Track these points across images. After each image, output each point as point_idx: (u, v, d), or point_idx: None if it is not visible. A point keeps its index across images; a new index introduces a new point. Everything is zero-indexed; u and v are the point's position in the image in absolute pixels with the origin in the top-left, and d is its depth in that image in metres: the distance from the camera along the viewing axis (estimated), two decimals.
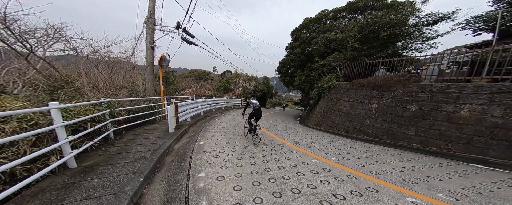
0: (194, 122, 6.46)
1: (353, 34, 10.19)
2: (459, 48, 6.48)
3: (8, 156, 1.78)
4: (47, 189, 1.76)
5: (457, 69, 4.87)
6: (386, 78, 6.02)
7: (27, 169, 1.86)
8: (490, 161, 3.58)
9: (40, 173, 1.73)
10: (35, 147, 2.03)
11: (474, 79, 4.40)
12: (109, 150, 2.97)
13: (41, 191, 1.72)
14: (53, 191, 1.72)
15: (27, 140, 1.97)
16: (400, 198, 1.97)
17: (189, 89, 17.53)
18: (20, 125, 2.02)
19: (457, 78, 4.63)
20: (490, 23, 7.34)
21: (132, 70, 8.49)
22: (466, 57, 4.95)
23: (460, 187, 2.37)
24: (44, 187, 1.78)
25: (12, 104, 2.30)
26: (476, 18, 7.88)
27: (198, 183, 2.13)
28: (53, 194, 1.67)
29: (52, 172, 2.05)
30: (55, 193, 1.70)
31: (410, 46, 11.58)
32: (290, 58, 18.04)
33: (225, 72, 41.47)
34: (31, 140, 2.01)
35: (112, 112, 3.53)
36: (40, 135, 2.13)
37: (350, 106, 7.25)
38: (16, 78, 3.92)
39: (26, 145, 1.95)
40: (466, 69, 4.63)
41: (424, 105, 4.83)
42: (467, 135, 4.08)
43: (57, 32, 4.52)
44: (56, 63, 5.45)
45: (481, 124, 3.90)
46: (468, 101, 4.13)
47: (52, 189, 1.75)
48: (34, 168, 1.91)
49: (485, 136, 3.84)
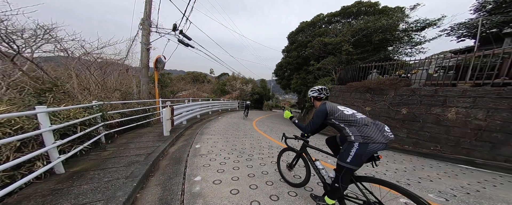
0: (190, 125, 6.36)
1: (347, 38, 10.49)
2: (445, 53, 6.79)
3: None
4: (32, 196, 1.67)
5: (443, 73, 5.09)
6: (378, 82, 6.20)
7: (9, 176, 1.76)
8: (476, 162, 3.74)
9: (24, 179, 1.64)
10: (20, 153, 1.93)
11: (459, 83, 4.60)
12: (100, 154, 2.87)
13: (25, 198, 1.63)
14: (38, 198, 1.64)
15: (10, 145, 1.87)
16: (394, 199, 2.01)
17: (185, 92, 17.30)
18: (3, 130, 1.91)
19: (444, 82, 4.81)
20: (472, 30, 7.75)
21: (126, 72, 8.30)
22: (451, 62, 5.19)
23: (449, 187, 2.45)
24: (29, 194, 1.69)
25: None
26: (459, 25, 8.30)
27: (194, 187, 2.09)
28: (38, 202, 1.59)
29: (38, 179, 1.95)
30: (41, 200, 1.62)
31: (400, 51, 12.04)
32: (286, 61, 18.27)
33: (222, 74, 41.35)
34: (15, 145, 1.91)
35: (104, 116, 3.43)
36: (25, 140, 2.03)
37: None
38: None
39: (9, 151, 1.85)
40: (451, 73, 4.85)
41: (414, 108, 5.00)
42: (455, 137, 4.24)
43: (47, 33, 4.36)
44: (45, 64, 5.24)
45: (466, 127, 4.07)
46: (454, 104, 4.31)
47: (37, 196, 1.67)
48: (17, 174, 1.81)
49: (470, 138, 4.01)
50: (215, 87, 24.19)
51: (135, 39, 6.70)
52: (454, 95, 4.34)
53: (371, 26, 10.05)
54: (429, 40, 10.96)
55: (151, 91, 7.08)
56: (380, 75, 6.99)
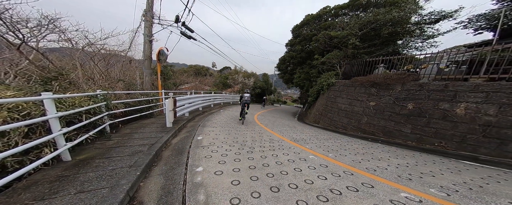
0: (193, 117, 6.42)
1: (354, 31, 10.10)
2: (458, 47, 6.48)
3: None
4: (40, 181, 1.73)
5: (455, 68, 4.91)
6: (385, 76, 6.04)
7: (18, 161, 1.82)
8: (480, 158, 3.68)
9: (32, 165, 1.70)
10: (28, 139, 1.98)
11: (471, 78, 4.45)
12: (105, 143, 2.93)
13: (33, 183, 1.69)
14: (46, 184, 1.70)
15: (18, 131, 1.92)
16: (395, 193, 2.01)
17: (188, 84, 17.34)
18: (11, 115, 1.96)
19: (455, 76, 4.66)
20: (492, 22, 7.32)
21: (129, 64, 8.32)
22: (465, 57, 4.98)
23: (452, 183, 2.43)
24: (37, 180, 1.75)
25: (3, 93, 2.23)
26: (478, 16, 7.84)
27: (196, 177, 2.13)
28: (46, 187, 1.65)
29: (45, 165, 2.01)
30: (48, 186, 1.67)
31: (410, 45, 11.58)
32: (290, 55, 17.91)
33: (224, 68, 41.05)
34: (23, 131, 1.96)
35: (109, 105, 3.47)
36: (32, 126, 2.08)
37: (348, 104, 7.29)
38: (7, 69, 3.80)
39: (18, 136, 1.90)
40: (464, 68, 4.67)
41: (421, 103, 4.89)
42: (461, 133, 4.16)
43: (51, 23, 4.35)
44: (50, 54, 5.30)
45: (475, 122, 3.97)
46: (464, 99, 4.18)
47: (45, 182, 1.73)
48: (26, 160, 1.87)
49: (477, 134, 3.92)
50: (217, 81, 24.15)
51: (137, 30, 6.63)
52: (465, 90, 4.20)
53: (381, 18, 9.60)
54: (442, 33, 10.45)
55: (154, 82, 7.11)
56: (387, 70, 6.79)
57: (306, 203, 1.73)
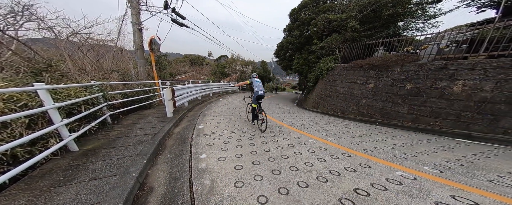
0: (192, 107, 6.43)
1: (354, 14, 9.66)
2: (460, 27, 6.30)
3: (4, 138, 1.77)
4: (53, 170, 1.80)
5: (456, 47, 4.85)
6: (384, 59, 5.96)
7: (28, 151, 1.87)
8: (473, 135, 3.85)
9: (42, 154, 1.76)
10: (31, 130, 2.01)
11: (471, 57, 4.46)
12: (108, 134, 2.97)
13: (47, 172, 1.76)
14: (60, 172, 1.77)
15: (20, 122, 1.93)
16: (390, 172, 2.13)
17: (184, 74, 16.99)
18: (8, 106, 1.95)
19: (455, 56, 4.66)
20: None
21: (120, 54, 8.01)
22: (466, 36, 4.89)
23: (445, 160, 2.56)
24: (50, 169, 1.82)
25: None
26: None
27: (200, 164, 2.21)
28: (60, 175, 1.72)
29: (55, 155, 2.08)
30: (62, 174, 1.74)
31: (411, 26, 11.20)
32: (288, 41, 17.31)
33: (221, 56, 39.86)
34: (24, 122, 1.97)
35: (105, 96, 3.45)
36: (33, 117, 2.09)
37: (347, 87, 7.31)
38: None
39: (21, 127, 1.92)
40: (464, 47, 4.62)
41: (419, 83, 4.95)
42: (456, 110, 4.29)
43: (26, 9, 4.06)
44: (33, 45, 5.04)
45: (470, 99, 4.09)
46: (462, 77, 4.26)
47: (58, 171, 1.80)
48: (35, 150, 1.92)
49: (472, 111, 4.06)
50: (215, 70, 23.65)
51: (124, 18, 6.24)
52: (464, 68, 4.26)
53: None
54: (444, 13, 10.08)
55: (149, 73, 6.95)
56: (387, 52, 6.67)
57: (306, 184, 1.83)
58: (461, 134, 4.00)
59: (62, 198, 1.41)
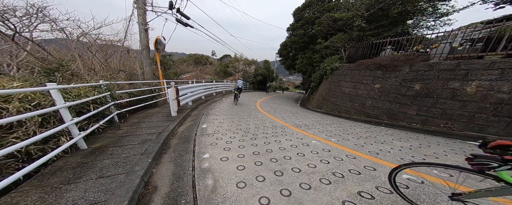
0: (196, 106, 6.51)
1: (360, 12, 9.43)
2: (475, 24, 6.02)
3: (19, 136, 1.85)
4: (64, 168, 1.87)
5: (470, 46, 4.65)
6: (392, 58, 5.80)
7: (40, 149, 1.95)
8: (488, 138, 3.68)
9: (54, 152, 1.83)
10: (43, 128, 2.10)
11: (487, 56, 4.25)
12: (115, 132, 3.06)
13: (58, 169, 1.83)
14: (69, 170, 1.83)
15: (33, 120, 2.02)
16: (397, 175, 2.06)
17: (188, 74, 17.23)
18: (23, 105, 2.04)
19: (469, 55, 4.47)
20: None
21: (127, 54, 8.21)
22: (482, 34, 4.66)
23: (455, 163, 2.47)
24: (61, 166, 1.89)
25: (10, 84, 2.28)
26: None
27: (203, 164, 2.23)
28: (70, 173, 1.78)
29: (65, 153, 2.16)
30: (71, 171, 1.81)
31: (421, 24, 10.80)
32: (291, 40, 17.16)
33: (224, 56, 40.09)
34: (37, 121, 2.06)
35: (113, 95, 3.54)
36: (45, 116, 2.17)
37: (353, 87, 7.17)
38: (9, 61, 3.83)
39: (34, 126, 2.00)
40: (480, 45, 4.42)
41: (429, 83, 4.78)
42: (469, 112, 4.12)
43: (40, 11, 4.23)
44: (46, 46, 5.27)
45: (486, 101, 3.91)
46: (476, 77, 4.08)
47: (68, 168, 1.86)
48: (47, 148, 2.00)
49: (487, 113, 3.88)
50: (218, 69, 23.81)
51: (131, 19, 6.38)
52: (478, 68, 4.08)
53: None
54: (458, 10, 9.62)
55: (155, 72, 7.09)
56: (395, 52, 6.48)
57: (309, 185, 1.81)
58: (475, 137, 3.84)
59: (71, 196, 1.46)
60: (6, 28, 3.78)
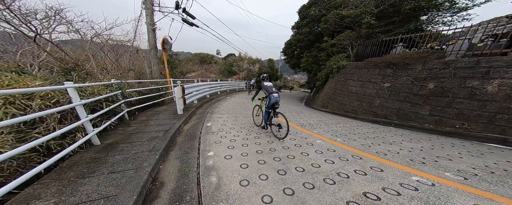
0: (201, 104, 6.62)
1: (369, 9, 9.09)
2: (499, 19, 5.59)
3: (41, 132, 1.99)
4: (79, 162, 1.99)
5: (492, 42, 4.34)
6: (403, 56, 5.56)
7: (59, 144, 2.08)
8: (510, 141, 3.44)
9: (71, 147, 1.95)
10: (61, 125, 2.23)
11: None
12: (126, 129, 3.19)
13: (74, 164, 1.95)
14: (84, 165, 1.94)
15: (53, 117, 2.16)
16: (405, 177, 2.00)
17: (194, 73, 17.53)
18: (44, 102, 2.19)
19: (491, 51, 4.18)
20: None
21: (136, 53, 8.51)
22: (506, 29, 4.33)
23: (471, 166, 2.34)
24: (76, 161, 2.01)
25: (32, 83, 2.45)
26: None
27: (207, 161, 2.28)
28: (84, 167, 1.89)
29: (80, 148, 2.29)
30: (86, 166, 1.92)
31: (437, 20, 10.19)
32: (296, 39, 16.91)
33: (229, 55, 40.32)
34: (56, 117, 2.19)
35: (124, 93, 3.69)
36: (63, 113, 2.31)
37: (360, 86, 6.96)
38: (31, 61, 4.10)
39: (54, 122, 2.14)
40: (504, 41, 4.12)
41: (444, 82, 4.54)
42: (489, 113, 3.87)
43: (57, 14, 4.50)
44: (63, 46, 5.58)
45: (509, 100, 3.65)
46: (499, 75, 3.82)
47: (83, 163, 1.98)
48: (64, 143, 2.14)
49: (510, 113, 3.63)
50: (222, 68, 24.00)
51: (139, 19, 6.60)
52: (501, 65, 3.82)
53: None
54: (479, 4, 8.95)
55: (162, 71, 7.29)
56: (407, 49, 6.20)
57: (313, 185, 1.79)
58: (494, 139, 3.60)
59: (86, 189, 1.55)
60: (28, 30, 4.04)
